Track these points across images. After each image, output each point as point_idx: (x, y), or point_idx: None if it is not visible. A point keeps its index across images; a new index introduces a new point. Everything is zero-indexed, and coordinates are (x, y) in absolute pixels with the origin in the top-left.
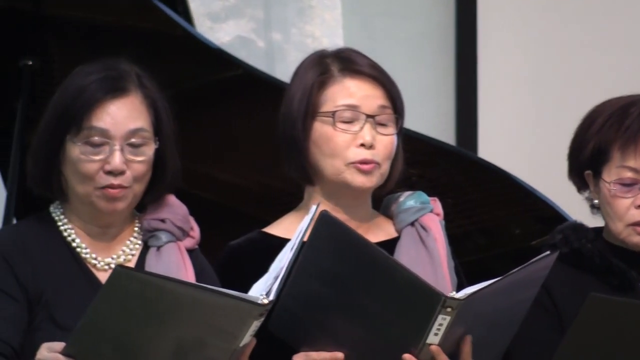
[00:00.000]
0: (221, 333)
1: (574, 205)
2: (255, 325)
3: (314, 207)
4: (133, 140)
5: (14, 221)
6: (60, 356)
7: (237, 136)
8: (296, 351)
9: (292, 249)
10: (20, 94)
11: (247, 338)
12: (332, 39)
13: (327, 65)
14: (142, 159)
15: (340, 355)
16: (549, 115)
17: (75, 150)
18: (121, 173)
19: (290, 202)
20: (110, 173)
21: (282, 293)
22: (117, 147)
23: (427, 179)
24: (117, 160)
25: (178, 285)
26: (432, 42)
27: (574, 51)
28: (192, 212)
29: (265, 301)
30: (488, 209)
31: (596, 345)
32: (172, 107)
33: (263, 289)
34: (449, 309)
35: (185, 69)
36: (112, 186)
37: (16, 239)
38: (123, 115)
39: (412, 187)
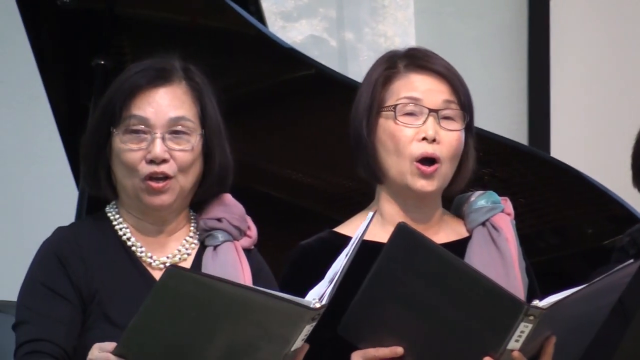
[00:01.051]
0: (273, 336)
1: None
2: (307, 329)
3: (370, 214)
4: (175, 128)
5: None
6: (112, 356)
7: (309, 136)
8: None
9: (347, 255)
10: (93, 93)
11: (299, 342)
12: (404, 39)
13: (394, 62)
14: (185, 148)
15: (399, 349)
16: (622, 114)
17: (118, 140)
18: (164, 161)
19: (363, 202)
20: (152, 162)
21: (355, 299)
22: (158, 135)
23: (500, 178)
24: (157, 148)
25: (231, 287)
26: (504, 41)
27: None
28: (264, 212)
29: (318, 305)
30: (560, 209)
31: None
32: (236, 102)
33: (317, 293)
34: (531, 317)
35: (257, 68)
36: (155, 174)
37: (70, 238)
38: (164, 104)
39: (485, 186)
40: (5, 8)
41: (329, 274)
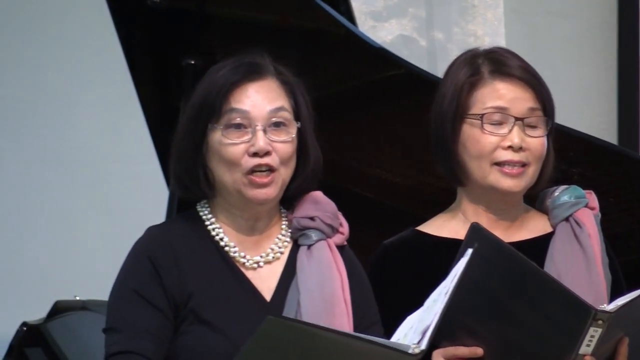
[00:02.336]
0: None
1: None
2: None
3: (469, 251)
4: (274, 120)
5: None
6: None
7: (398, 135)
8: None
9: (446, 293)
10: (183, 93)
11: None
12: (493, 38)
13: (478, 67)
14: (286, 139)
15: (479, 350)
16: None
17: (217, 135)
18: (267, 154)
19: (452, 202)
20: (255, 155)
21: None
22: (259, 127)
23: (589, 177)
24: (261, 140)
25: (332, 334)
26: (594, 40)
27: None
28: (353, 211)
29: (417, 351)
30: None
31: None
32: (326, 102)
33: (415, 329)
34: (599, 322)
35: (347, 68)
36: (259, 167)
37: (163, 239)
38: (262, 97)
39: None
40: (96, 9)
41: (427, 308)
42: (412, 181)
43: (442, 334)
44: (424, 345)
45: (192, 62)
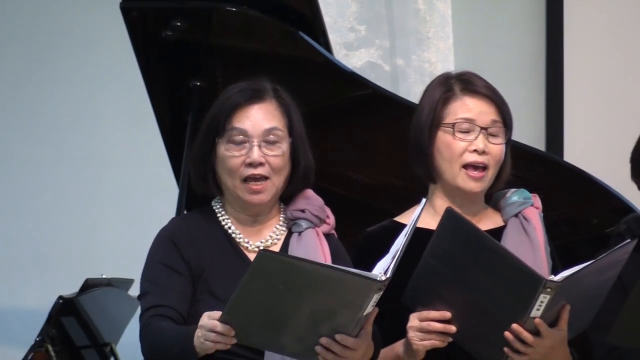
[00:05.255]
0: (347, 304)
1: None
2: (376, 297)
3: (423, 200)
4: (268, 137)
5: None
6: (218, 323)
7: (367, 144)
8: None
9: (405, 235)
10: (190, 110)
11: (369, 308)
12: (445, 64)
13: (451, 85)
14: (277, 153)
15: (447, 314)
16: (619, 128)
17: (222, 148)
18: (260, 165)
19: (410, 197)
20: (250, 165)
21: (414, 273)
22: (255, 143)
23: (522, 178)
24: (255, 154)
25: (311, 265)
26: (526, 66)
27: None
28: (331, 205)
29: (383, 278)
30: (571, 203)
31: None
32: (308, 116)
33: (382, 268)
34: (548, 290)
35: (325, 88)
36: (254, 177)
37: (183, 226)
38: (260, 117)
39: (511, 185)
40: (121, 39)
41: (391, 251)
42: (377, 181)
43: (418, 301)
44: (389, 273)
45: (198, 84)
